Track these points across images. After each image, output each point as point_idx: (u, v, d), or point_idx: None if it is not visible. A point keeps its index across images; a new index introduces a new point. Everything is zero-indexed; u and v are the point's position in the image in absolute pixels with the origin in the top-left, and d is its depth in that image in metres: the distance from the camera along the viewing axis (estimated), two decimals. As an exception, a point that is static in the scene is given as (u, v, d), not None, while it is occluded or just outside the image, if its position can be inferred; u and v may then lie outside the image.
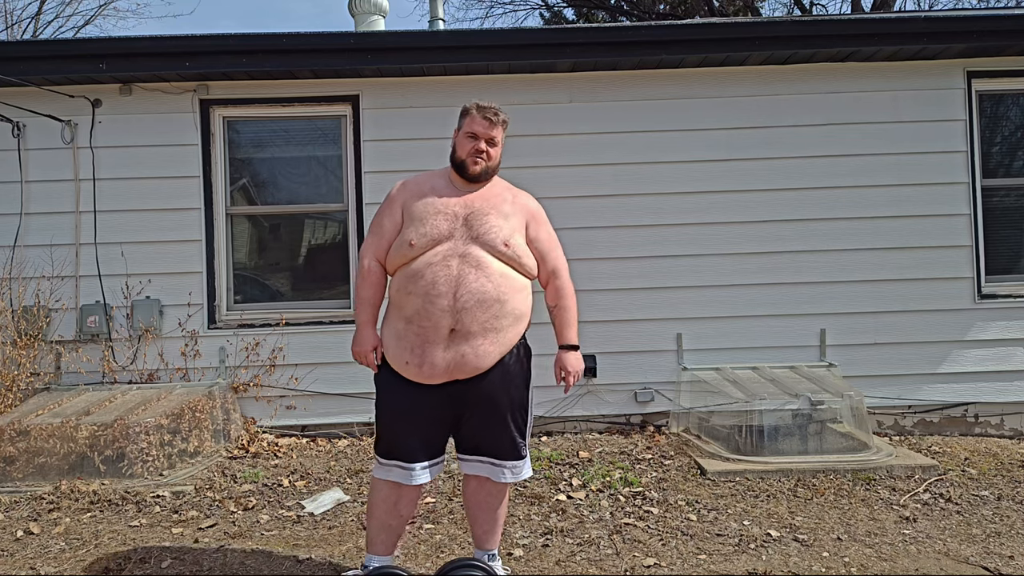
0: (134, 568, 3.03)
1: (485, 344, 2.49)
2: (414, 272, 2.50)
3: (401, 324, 2.54)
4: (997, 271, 5.19)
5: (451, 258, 2.49)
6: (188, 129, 5.12)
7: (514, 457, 2.62)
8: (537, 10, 19.13)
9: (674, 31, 5.16)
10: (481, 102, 2.67)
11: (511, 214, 2.62)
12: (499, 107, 2.68)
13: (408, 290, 2.51)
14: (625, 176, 5.13)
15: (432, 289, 2.46)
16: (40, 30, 18.29)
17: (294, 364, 5.06)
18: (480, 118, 2.62)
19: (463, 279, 2.46)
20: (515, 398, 2.61)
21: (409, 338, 2.51)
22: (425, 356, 2.48)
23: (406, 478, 2.56)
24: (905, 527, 3.39)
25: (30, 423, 4.13)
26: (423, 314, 2.47)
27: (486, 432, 2.59)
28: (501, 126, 2.66)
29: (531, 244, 2.66)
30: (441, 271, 2.47)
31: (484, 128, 2.62)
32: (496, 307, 2.49)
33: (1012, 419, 5.11)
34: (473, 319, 2.46)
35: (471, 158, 2.60)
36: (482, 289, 2.47)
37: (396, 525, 2.68)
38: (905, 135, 5.13)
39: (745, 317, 5.12)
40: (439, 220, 2.54)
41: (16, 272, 4.98)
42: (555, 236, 2.77)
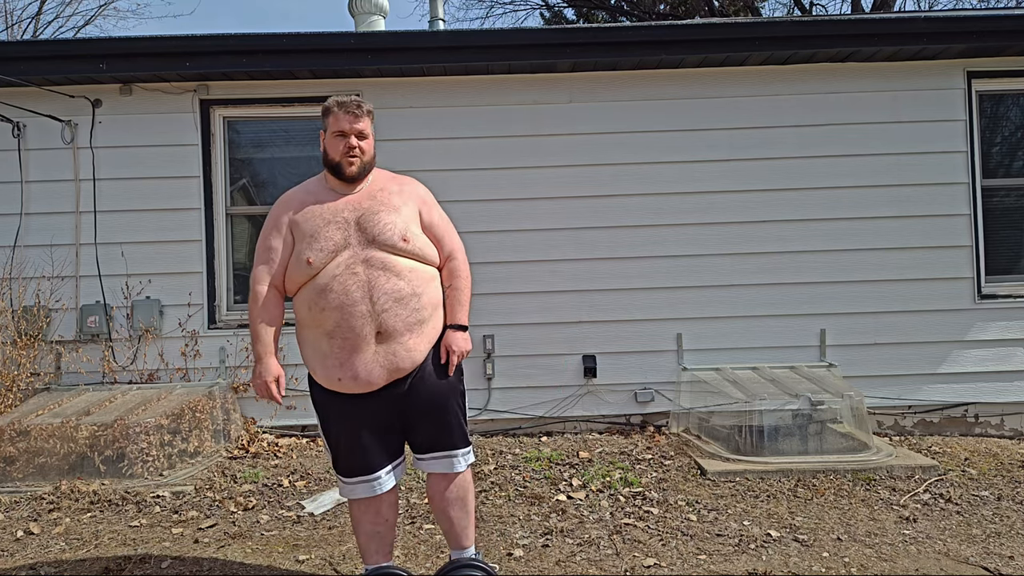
0: (134, 568, 3.03)
1: (412, 338, 2.47)
2: (322, 287, 2.43)
3: (324, 341, 2.46)
4: (997, 271, 5.19)
5: (355, 265, 2.43)
6: (188, 129, 5.12)
7: (464, 444, 2.62)
8: (537, 10, 19.14)
9: (674, 31, 5.16)
10: (340, 97, 2.58)
11: (401, 206, 2.56)
12: (361, 99, 2.59)
13: (321, 306, 2.43)
14: (625, 176, 5.13)
15: (346, 299, 2.40)
16: (40, 30, 18.30)
17: (294, 364, 5.03)
18: (344, 114, 2.52)
19: (375, 283, 2.42)
20: (453, 384, 2.60)
21: (335, 353, 2.44)
22: (356, 365, 2.43)
23: (372, 490, 2.55)
24: (905, 527, 3.39)
25: (30, 423, 4.13)
26: (344, 325, 2.41)
27: (438, 427, 2.57)
28: (367, 117, 2.57)
29: (427, 229, 2.62)
30: (350, 280, 2.42)
31: (350, 123, 2.52)
32: (414, 301, 2.47)
33: (1012, 419, 5.11)
34: (395, 317, 2.43)
35: (345, 158, 2.51)
36: (396, 288, 2.44)
37: (384, 531, 2.65)
38: (905, 135, 5.13)
39: (745, 317, 5.12)
40: (331, 231, 2.46)
41: (16, 272, 4.98)
42: (447, 218, 2.72)
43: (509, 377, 5.10)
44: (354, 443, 2.54)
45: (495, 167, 5.10)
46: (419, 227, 2.59)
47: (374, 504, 2.59)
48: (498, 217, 5.10)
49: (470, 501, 2.70)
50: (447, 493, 2.63)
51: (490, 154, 5.13)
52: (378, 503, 2.59)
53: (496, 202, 5.13)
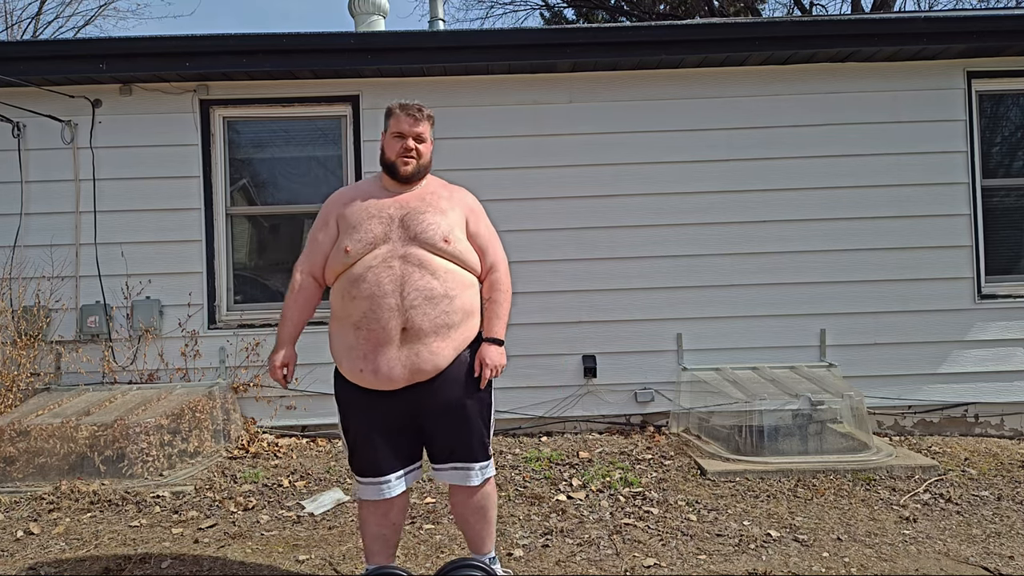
0: (134, 568, 3.03)
1: (438, 342, 2.45)
2: (356, 276, 2.45)
3: (350, 332, 2.47)
4: (997, 271, 5.19)
5: (392, 259, 2.44)
6: (188, 129, 5.12)
7: (483, 457, 2.60)
8: (537, 10, 19.15)
9: (674, 31, 5.16)
10: (404, 101, 2.62)
11: (448, 210, 2.57)
12: (423, 104, 2.62)
13: (352, 295, 2.45)
14: (625, 176, 5.13)
15: (377, 289, 2.41)
16: (40, 30, 18.30)
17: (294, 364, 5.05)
18: (405, 116, 2.57)
19: (408, 277, 2.42)
20: (478, 397, 2.57)
21: (360, 345, 2.45)
22: (379, 361, 2.42)
23: (382, 492, 2.54)
24: (905, 527, 3.39)
25: (30, 423, 4.13)
26: (371, 316, 2.41)
27: (456, 437, 2.55)
28: (427, 121, 2.61)
29: (471, 239, 2.62)
30: (384, 272, 2.42)
31: (410, 125, 2.56)
32: (445, 303, 2.46)
33: (1012, 419, 5.11)
34: (423, 316, 2.42)
35: (401, 159, 2.55)
36: (429, 286, 2.43)
37: (389, 534, 2.66)
38: (905, 135, 5.13)
39: (745, 317, 5.12)
40: (373, 224, 2.49)
41: (16, 272, 4.98)
42: (494, 231, 2.74)
43: (509, 377, 5.09)
44: (368, 444, 2.54)
45: (496, 167, 5.10)
46: (464, 233, 2.59)
47: (382, 507, 2.59)
48: (499, 217, 5.00)
49: (491, 510, 2.70)
50: (468, 503, 2.65)
51: (490, 154, 5.13)
52: (387, 506, 2.59)
53: (497, 202, 5.08)
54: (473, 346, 2.59)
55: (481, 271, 2.66)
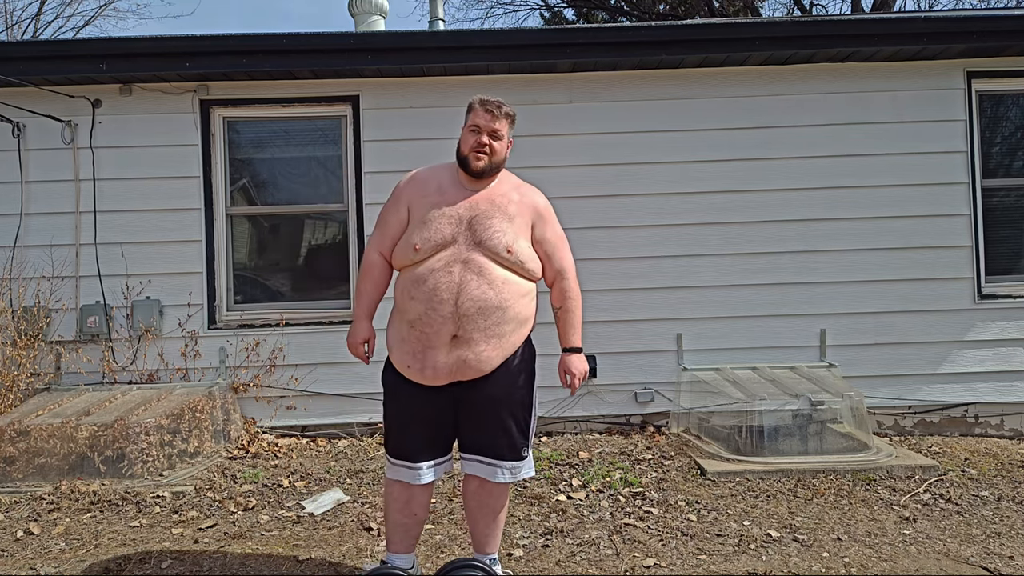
0: (134, 568, 3.03)
1: (487, 350, 2.49)
2: (418, 277, 2.50)
3: (404, 328, 2.55)
4: (997, 271, 5.19)
5: (453, 264, 2.47)
6: (188, 129, 5.12)
7: (513, 458, 2.61)
8: (537, 10, 19.15)
9: (674, 31, 5.16)
10: (485, 96, 2.64)
11: (516, 215, 2.59)
12: (504, 102, 2.65)
13: (411, 295, 2.50)
14: (626, 176, 5.13)
15: (434, 296, 2.45)
16: (40, 30, 18.30)
17: (294, 364, 5.06)
18: (483, 111, 2.60)
19: (465, 286, 2.45)
20: (517, 398, 2.60)
21: (411, 342, 2.52)
22: (427, 360, 2.49)
23: (413, 477, 2.59)
24: (905, 527, 3.39)
25: (30, 423, 4.13)
26: (425, 320, 2.47)
27: (485, 431, 2.59)
28: (505, 119, 2.63)
29: (537, 244, 2.64)
30: (443, 277, 2.46)
31: (487, 121, 2.59)
32: (498, 314, 2.48)
33: (1012, 419, 5.11)
34: (475, 326, 2.46)
35: (473, 153, 2.57)
36: (484, 296, 2.46)
37: (411, 524, 2.70)
38: (905, 135, 5.13)
39: (745, 317, 5.12)
40: (443, 224, 2.51)
41: (16, 272, 4.98)
42: (563, 235, 2.75)
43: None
44: (407, 431, 2.61)
45: (495, 167, 5.10)
46: (528, 240, 2.61)
47: (407, 493, 2.64)
48: (498, 217, 5.09)
49: (502, 513, 2.73)
50: (479, 497, 2.68)
51: (490, 154, 5.12)
52: (410, 495, 2.64)
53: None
54: (521, 350, 2.62)
55: (547, 276, 2.69)
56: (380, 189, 5.07)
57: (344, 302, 5.17)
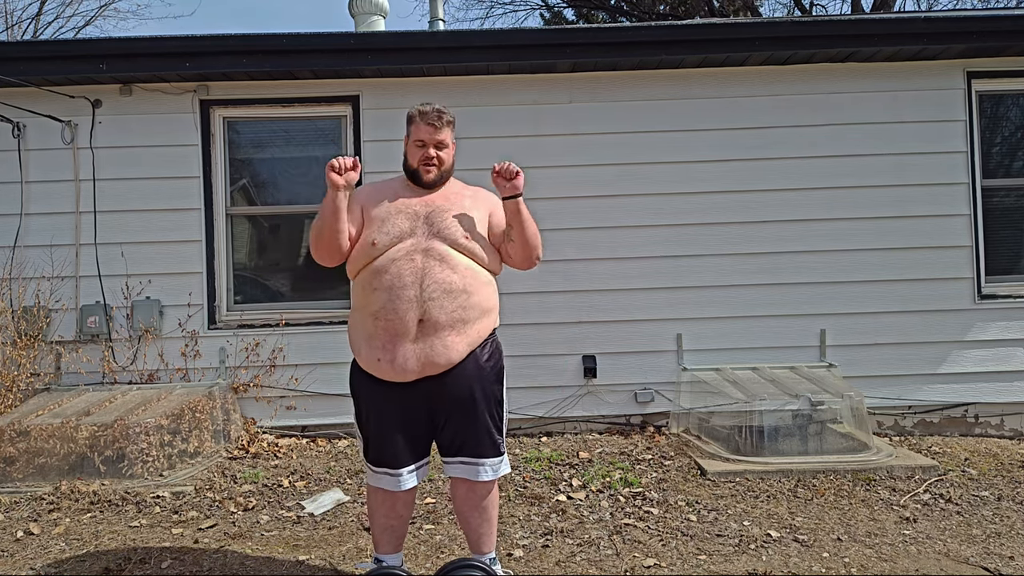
0: (134, 568, 3.03)
1: (453, 336, 2.50)
2: (378, 268, 2.51)
3: (369, 322, 2.54)
4: (997, 271, 5.19)
5: (415, 253, 2.50)
6: (188, 129, 5.12)
7: (493, 454, 2.62)
8: (537, 10, 19.14)
9: (674, 31, 5.16)
10: (424, 106, 2.63)
11: (472, 208, 2.63)
12: (443, 108, 2.63)
13: (373, 286, 2.51)
14: (625, 176, 5.13)
15: (397, 281, 2.47)
16: (40, 31, 18.29)
17: (294, 364, 5.06)
18: (424, 125, 2.60)
19: (428, 271, 2.48)
20: (489, 393, 2.62)
21: (379, 335, 2.51)
22: (396, 351, 2.48)
23: (395, 484, 2.59)
24: (905, 527, 3.39)
25: (30, 423, 4.13)
26: (390, 307, 2.47)
27: (465, 431, 2.59)
28: (448, 127, 2.63)
29: (498, 227, 2.66)
30: (406, 265, 2.49)
31: (430, 134, 2.60)
32: (463, 298, 2.51)
33: (1012, 419, 5.11)
34: (440, 309, 2.47)
35: (423, 167, 2.60)
36: (448, 280, 2.49)
37: (397, 525, 2.72)
38: (905, 135, 5.13)
39: (745, 317, 5.12)
40: (400, 219, 2.55)
41: (16, 272, 4.98)
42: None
43: (509, 377, 5.07)
44: (383, 436, 2.60)
45: (495, 167, 5.10)
46: (486, 232, 2.65)
47: (391, 498, 2.65)
48: (498, 217, 5.09)
49: (492, 510, 2.72)
50: (468, 499, 2.67)
51: (491, 154, 5.10)
52: (395, 499, 2.65)
53: (496, 202, 5.11)
54: (488, 343, 2.64)
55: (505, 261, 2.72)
56: (380, 189, 5.08)
57: (344, 302, 5.17)
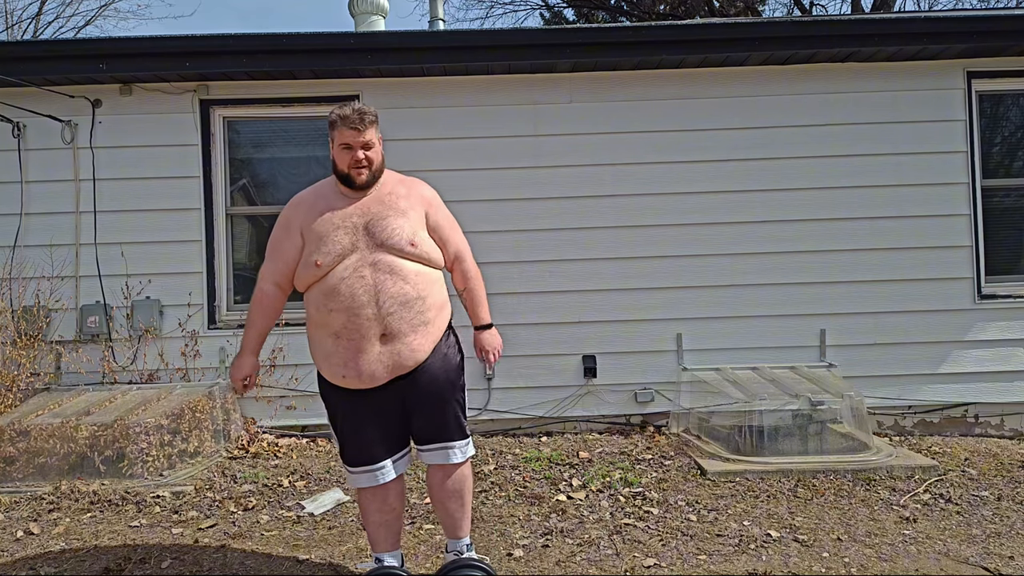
0: (134, 568, 3.03)
1: (417, 338, 2.53)
2: (330, 288, 2.48)
3: (329, 342, 2.53)
4: (997, 271, 5.19)
5: (362, 268, 2.48)
6: (188, 129, 5.12)
7: (460, 437, 2.68)
8: (537, 10, 19.14)
9: (674, 31, 5.17)
10: (342, 108, 2.55)
11: (408, 209, 2.60)
12: (364, 107, 2.57)
13: (329, 307, 2.49)
14: (625, 176, 5.13)
15: (353, 302, 2.45)
16: (40, 30, 18.29)
17: (294, 364, 5.06)
18: (347, 129, 2.52)
19: (381, 286, 2.47)
20: (453, 381, 2.66)
21: (340, 353, 2.51)
22: (361, 365, 2.49)
23: (376, 479, 2.62)
24: (905, 527, 3.39)
25: (30, 423, 4.13)
26: (351, 327, 2.47)
27: (437, 419, 2.63)
28: (371, 127, 2.55)
29: (432, 231, 2.66)
30: (357, 283, 2.46)
31: (354, 136, 2.52)
32: (419, 304, 2.52)
33: (1012, 419, 5.11)
34: (401, 319, 2.49)
35: (354, 170, 2.54)
36: (402, 292, 2.49)
37: (392, 520, 2.73)
38: (905, 135, 5.13)
39: (745, 317, 5.12)
40: (339, 235, 2.50)
41: (16, 272, 4.98)
42: (453, 219, 2.76)
43: (509, 377, 5.10)
44: (358, 435, 2.62)
45: (496, 167, 5.10)
46: (425, 230, 2.63)
47: (380, 493, 2.66)
48: (498, 217, 5.10)
49: (467, 494, 2.76)
50: (445, 485, 2.70)
51: (490, 154, 5.13)
52: (385, 492, 2.66)
53: (497, 202, 5.12)
54: (447, 334, 2.68)
55: (446, 262, 2.72)
56: (380, 189, 5.08)
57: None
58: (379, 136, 2.62)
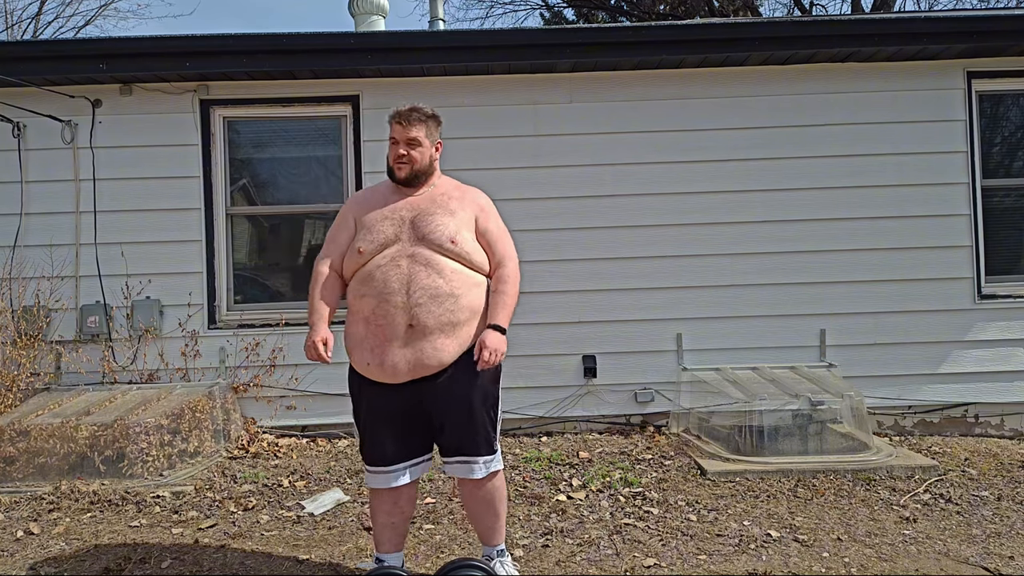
0: (134, 568, 3.03)
1: (443, 339, 2.52)
2: (366, 275, 2.56)
3: (360, 326, 2.57)
4: (997, 271, 5.19)
5: (400, 258, 2.53)
6: (188, 129, 5.12)
7: (487, 452, 2.64)
8: (537, 10, 19.13)
9: (674, 31, 5.17)
10: (400, 106, 2.64)
11: (457, 210, 2.64)
12: (419, 107, 2.64)
13: (362, 292, 2.56)
14: (625, 176, 5.13)
15: (384, 287, 2.51)
16: (40, 30, 18.28)
17: (294, 364, 5.06)
18: (395, 124, 2.63)
19: (415, 276, 2.50)
20: (484, 393, 2.62)
21: (369, 339, 2.54)
22: (385, 355, 2.51)
23: (389, 481, 2.62)
24: (905, 527, 3.39)
25: (30, 423, 4.13)
26: (379, 312, 2.51)
27: (461, 431, 2.60)
28: (420, 125, 2.62)
29: (480, 236, 2.67)
30: (392, 271, 2.52)
31: (400, 132, 2.62)
32: (450, 301, 2.52)
33: (1012, 419, 5.11)
34: (428, 314, 2.49)
35: (395, 164, 2.63)
36: (434, 285, 2.50)
37: (398, 523, 2.74)
38: (905, 135, 5.13)
39: (745, 317, 5.12)
40: (385, 226, 2.59)
41: (16, 272, 4.98)
42: (505, 230, 2.77)
43: (509, 377, 5.01)
44: (377, 434, 2.64)
45: (496, 167, 5.10)
46: (472, 233, 2.65)
47: (391, 496, 2.67)
48: (498, 217, 5.09)
49: (499, 504, 2.75)
50: (475, 495, 2.71)
51: (491, 154, 5.13)
52: (395, 495, 2.67)
53: (497, 202, 5.00)
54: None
55: (490, 267, 2.71)
56: (380, 189, 5.08)
57: (344, 302, 5.16)
58: (431, 138, 2.66)
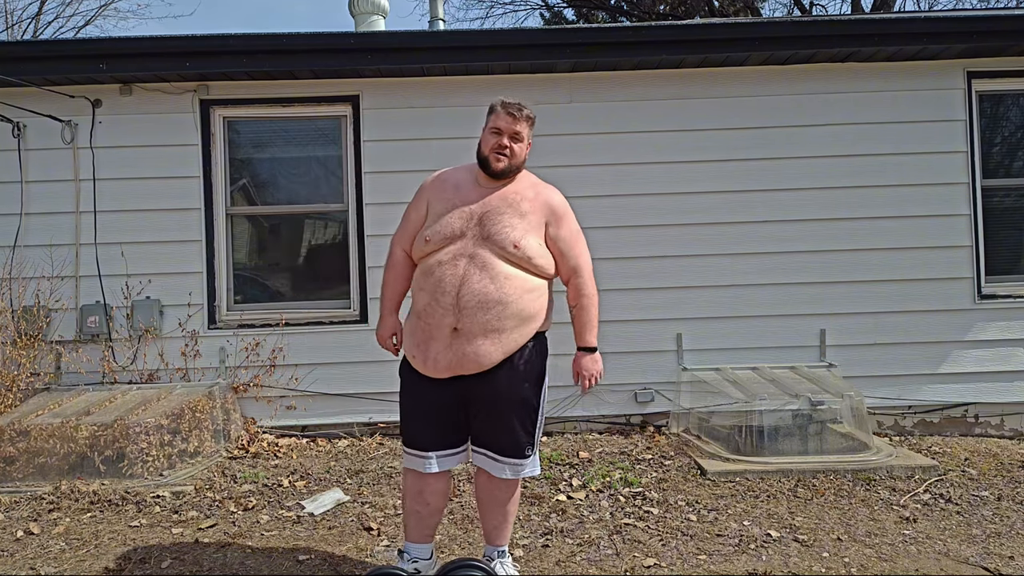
0: (134, 568, 3.03)
1: (486, 344, 2.52)
2: (427, 269, 2.59)
3: (414, 318, 2.64)
4: (997, 271, 5.18)
5: (459, 258, 2.54)
6: (188, 129, 5.12)
7: (515, 455, 2.63)
8: (537, 10, 19.14)
9: (674, 31, 5.17)
10: (507, 99, 2.67)
11: (528, 212, 2.61)
12: (525, 104, 2.67)
13: (420, 286, 2.61)
14: (625, 176, 5.13)
15: (438, 287, 2.52)
16: (40, 30, 18.28)
17: (294, 364, 5.06)
18: (504, 114, 2.62)
19: (467, 279, 2.51)
20: (520, 397, 2.61)
21: (418, 333, 2.60)
22: (428, 352, 2.56)
23: (422, 466, 2.64)
24: (905, 527, 3.39)
25: (30, 423, 4.13)
26: (429, 310, 2.55)
27: (489, 427, 2.63)
28: (526, 121, 2.64)
29: (551, 241, 2.66)
30: (448, 270, 2.53)
31: (508, 123, 2.61)
32: (498, 308, 2.50)
33: (1012, 419, 5.11)
34: (473, 319, 2.49)
35: (493, 154, 2.60)
36: (484, 290, 2.49)
37: (425, 514, 2.73)
38: (905, 135, 5.13)
39: (745, 317, 5.12)
40: (454, 218, 2.58)
41: (16, 272, 4.98)
42: (579, 233, 2.74)
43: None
44: (415, 419, 2.67)
45: (495, 167, 5.09)
46: (541, 237, 2.63)
47: (418, 483, 2.69)
48: (498, 217, 5.09)
49: (510, 506, 2.76)
50: (489, 490, 2.73)
51: (490, 154, 5.12)
52: (422, 483, 2.68)
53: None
54: (528, 348, 2.63)
55: (562, 273, 2.73)
56: (380, 189, 5.08)
57: (344, 302, 5.17)
58: (530, 138, 2.68)
